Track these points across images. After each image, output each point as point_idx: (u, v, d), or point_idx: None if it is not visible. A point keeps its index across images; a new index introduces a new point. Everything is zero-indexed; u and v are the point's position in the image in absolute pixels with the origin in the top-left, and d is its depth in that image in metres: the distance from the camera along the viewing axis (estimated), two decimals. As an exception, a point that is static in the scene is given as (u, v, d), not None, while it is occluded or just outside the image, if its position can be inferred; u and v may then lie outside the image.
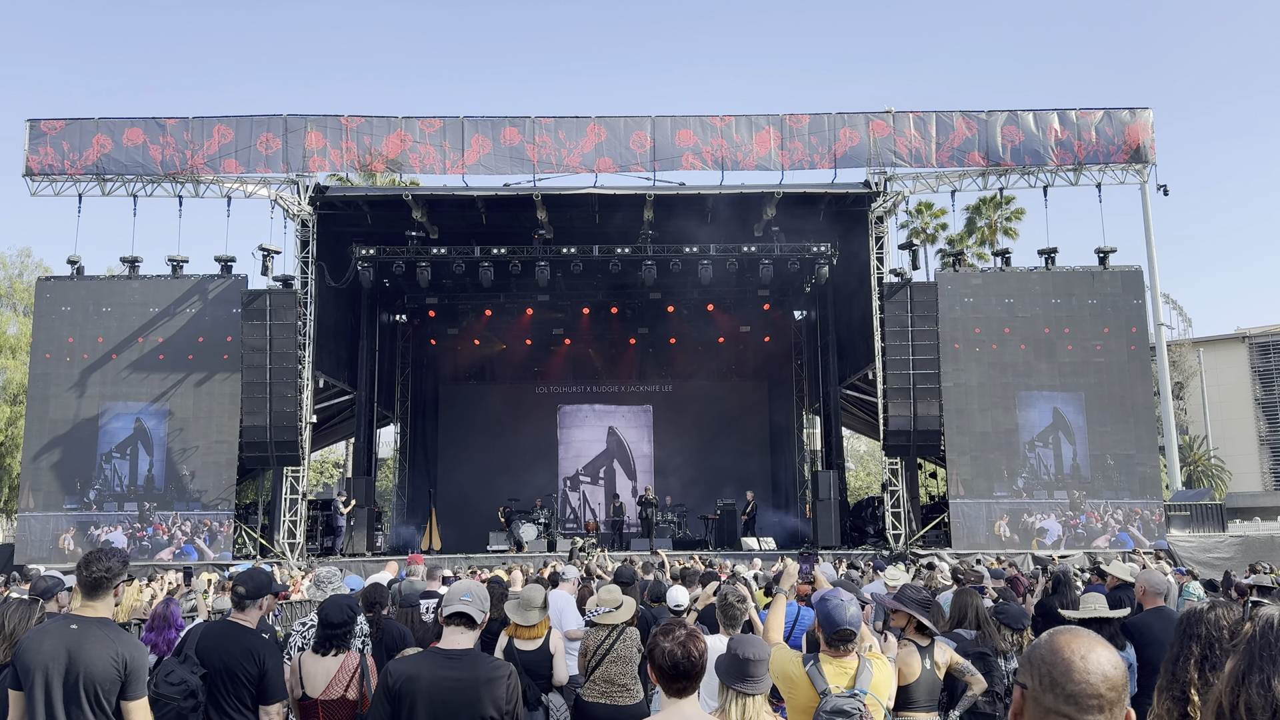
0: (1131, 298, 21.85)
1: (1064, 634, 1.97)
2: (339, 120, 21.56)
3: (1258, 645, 3.18)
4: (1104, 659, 1.90)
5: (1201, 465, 41.93)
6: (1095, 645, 1.93)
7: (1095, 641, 1.95)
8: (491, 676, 3.88)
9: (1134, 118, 21.81)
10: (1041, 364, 21.48)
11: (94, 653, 3.99)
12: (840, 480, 25.05)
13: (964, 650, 5.75)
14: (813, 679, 4.15)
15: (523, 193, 21.51)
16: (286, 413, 20.46)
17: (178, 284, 21.53)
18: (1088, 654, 1.90)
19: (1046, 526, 21.05)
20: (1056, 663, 1.90)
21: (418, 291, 25.45)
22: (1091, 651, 1.91)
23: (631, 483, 29.48)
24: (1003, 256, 22.86)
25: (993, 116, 21.76)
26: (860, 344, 23.62)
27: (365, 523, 23.40)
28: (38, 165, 21.34)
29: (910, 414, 20.71)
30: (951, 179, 22.00)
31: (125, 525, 20.75)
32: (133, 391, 21.09)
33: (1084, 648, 1.91)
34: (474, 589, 4.10)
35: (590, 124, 21.58)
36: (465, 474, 28.43)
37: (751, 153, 21.55)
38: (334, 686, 4.88)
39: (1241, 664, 3.23)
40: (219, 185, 21.57)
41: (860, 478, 47.75)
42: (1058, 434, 21.43)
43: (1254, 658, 3.16)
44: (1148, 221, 29.44)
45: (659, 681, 3.37)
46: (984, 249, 36.30)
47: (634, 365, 30.53)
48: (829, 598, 4.33)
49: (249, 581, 4.95)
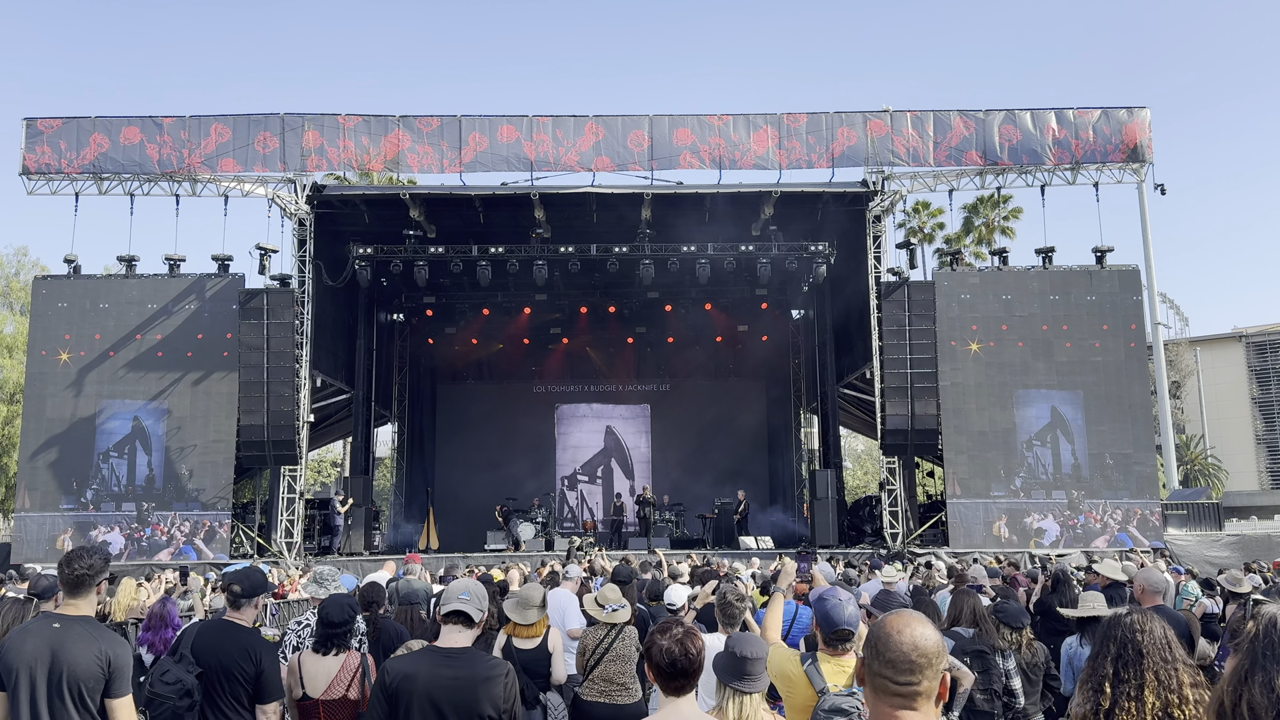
0: (1129, 297, 21.87)
1: (891, 615, 2.43)
2: (336, 119, 21.53)
3: (1260, 645, 3.18)
4: (917, 633, 2.33)
5: (1198, 464, 41.97)
6: (912, 621, 2.38)
7: (914, 619, 2.39)
8: (489, 675, 3.87)
9: (1131, 117, 21.82)
10: (1039, 363, 21.49)
11: (77, 651, 3.97)
12: (838, 479, 25.05)
13: (962, 648, 5.76)
14: (811, 678, 4.15)
15: (520, 192, 21.49)
16: (284, 412, 20.42)
17: (175, 283, 21.49)
18: (903, 629, 2.35)
19: (1045, 527, 21.05)
20: (880, 636, 2.36)
21: (415, 290, 25.43)
22: (907, 627, 2.35)
23: (629, 482, 29.48)
24: (1000, 256, 22.86)
25: (990, 116, 21.76)
26: (858, 343, 23.62)
27: (363, 522, 23.38)
28: (35, 164, 21.29)
29: (908, 413, 20.70)
30: (949, 178, 22.01)
31: (123, 526, 20.72)
32: (130, 390, 21.07)
33: (901, 624, 2.37)
34: (472, 587, 4.09)
35: (588, 123, 21.56)
36: (463, 473, 28.41)
37: (749, 152, 21.54)
38: (335, 686, 4.86)
39: (1244, 663, 3.23)
40: (216, 184, 21.54)
41: (858, 477, 47.78)
42: (1056, 433, 21.43)
43: (1257, 657, 3.17)
44: (1145, 221, 29.48)
45: (656, 680, 3.35)
46: (981, 248, 36.31)
47: (632, 364, 30.52)
48: (827, 597, 4.32)
49: (245, 580, 4.93)
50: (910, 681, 2.29)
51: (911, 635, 2.32)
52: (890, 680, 2.30)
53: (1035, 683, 6.14)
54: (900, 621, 2.37)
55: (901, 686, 2.29)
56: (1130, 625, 3.00)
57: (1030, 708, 6.01)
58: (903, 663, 2.29)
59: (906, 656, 2.29)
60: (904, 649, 2.30)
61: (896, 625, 2.36)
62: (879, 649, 2.34)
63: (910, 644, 2.30)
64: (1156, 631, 2.97)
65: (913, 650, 2.29)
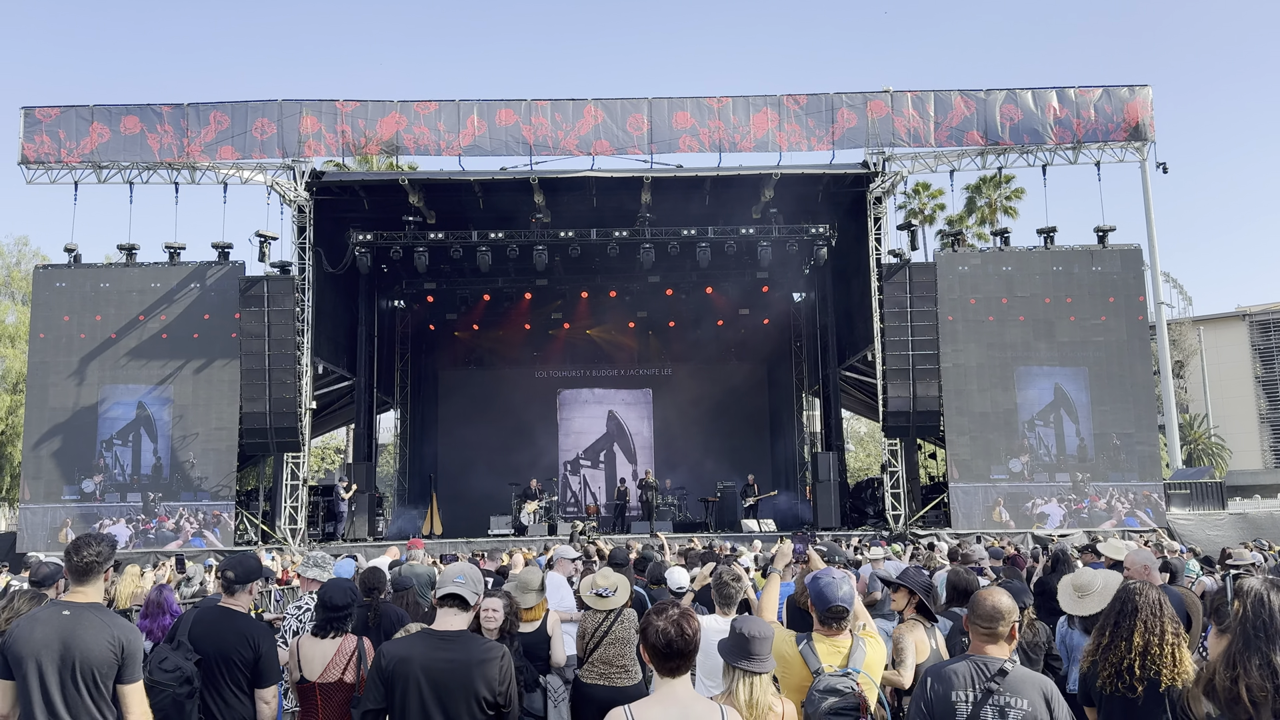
0: (1131, 276, 21.80)
1: (985, 588, 4.00)
2: (334, 105, 21.47)
3: (1250, 624, 3.16)
4: (998, 598, 3.79)
5: (1201, 444, 41.96)
6: (995, 592, 3.83)
7: (997, 590, 3.85)
8: (485, 658, 3.88)
9: (1133, 95, 21.71)
10: (1041, 344, 21.44)
11: (89, 637, 3.98)
12: (840, 462, 25.06)
13: (959, 629, 5.76)
14: (806, 658, 4.16)
15: (520, 176, 21.42)
16: (286, 399, 20.46)
17: (175, 271, 21.49)
18: (990, 595, 3.81)
19: (1048, 511, 20.89)
20: (976, 600, 3.84)
21: (415, 277, 25.38)
22: (992, 594, 3.82)
23: (632, 466, 29.51)
24: (1002, 236, 22.77)
25: (991, 95, 21.65)
26: (859, 325, 23.58)
27: (366, 508, 23.44)
28: (34, 154, 21.27)
29: (909, 395, 20.69)
30: (950, 158, 21.93)
31: (129, 517, 20.73)
32: (133, 376, 21.09)
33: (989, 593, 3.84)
34: (468, 571, 4.11)
35: (587, 106, 21.48)
36: (465, 458, 28.44)
37: (749, 134, 21.46)
38: (331, 669, 4.88)
39: (1236, 644, 3.21)
40: (215, 172, 21.52)
41: (860, 459, 47.80)
42: (1059, 412, 21.31)
43: (1249, 637, 3.15)
44: (1147, 199, 29.35)
45: (652, 661, 3.36)
46: (984, 229, 36.25)
47: (633, 349, 30.51)
48: (821, 576, 4.33)
49: (239, 566, 4.93)
50: (993, 628, 3.73)
51: (994, 599, 3.77)
52: (981, 628, 3.75)
53: (1036, 661, 6.15)
54: (988, 591, 3.85)
55: (987, 631, 3.73)
56: (1132, 590, 4.00)
57: (1028, 686, 6.01)
58: (988, 617, 3.74)
59: (990, 613, 3.73)
60: (989, 608, 3.75)
61: (986, 593, 3.83)
62: (974, 608, 3.82)
63: (993, 605, 3.75)
64: (1151, 595, 3.92)
65: (994, 609, 3.74)
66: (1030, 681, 3.60)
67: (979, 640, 3.72)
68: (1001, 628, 3.70)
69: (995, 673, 3.57)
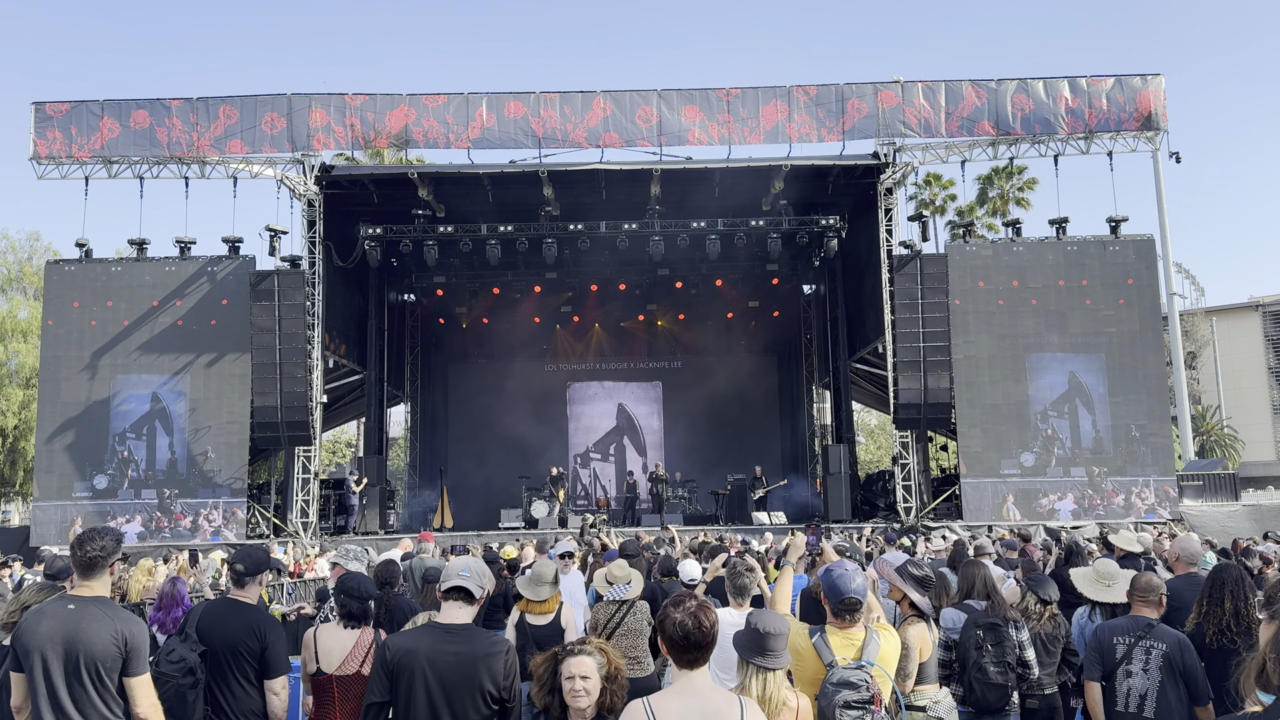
0: (1144, 267, 21.64)
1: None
2: (343, 98, 21.44)
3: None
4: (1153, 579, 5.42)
5: (1214, 435, 41.74)
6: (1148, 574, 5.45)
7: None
8: (490, 651, 3.87)
9: (1145, 84, 21.52)
10: (1053, 334, 21.30)
11: (94, 631, 3.98)
12: (851, 454, 25.00)
13: (975, 621, 5.73)
14: (819, 651, 4.12)
15: (529, 169, 21.38)
16: (297, 393, 20.50)
17: (186, 265, 21.54)
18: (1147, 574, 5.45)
19: (1059, 508, 20.62)
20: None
21: (425, 270, 25.42)
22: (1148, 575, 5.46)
23: (642, 459, 29.50)
24: (1013, 227, 22.63)
25: (1003, 85, 21.50)
26: (870, 317, 23.49)
27: (377, 501, 23.50)
28: (45, 149, 21.31)
29: (921, 387, 20.59)
30: (961, 149, 21.79)
31: (145, 515, 20.74)
32: (147, 366, 21.11)
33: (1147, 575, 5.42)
34: (473, 564, 4.09)
35: (596, 98, 21.41)
36: (476, 452, 28.49)
37: (759, 126, 21.35)
38: (349, 661, 4.85)
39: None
40: (225, 166, 21.53)
41: (871, 451, 47.72)
42: (1074, 402, 21.04)
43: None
44: (1160, 189, 29.20)
45: (670, 653, 3.34)
46: (995, 219, 36.04)
47: (643, 341, 30.48)
48: (834, 568, 4.30)
49: (247, 559, 4.94)
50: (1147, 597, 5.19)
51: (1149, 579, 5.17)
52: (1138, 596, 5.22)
53: (1054, 654, 6.11)
54: (1145, 575, 5.18)
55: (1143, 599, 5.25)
56: (1224, 569, 5.31)
57: (1045, 678, 5.97)
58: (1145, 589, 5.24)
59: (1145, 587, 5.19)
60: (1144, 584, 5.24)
61: (1144, 575, 5.18)
62: (1134, 582, 5.27)
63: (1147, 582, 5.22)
64: (1234, 573, 5.23)
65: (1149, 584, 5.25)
66: (1168, 634, 4.99)
67: (1137, 605, 5.27)
68: (1152, 596, 5.25)
69: (1144, 626, 5.08)
